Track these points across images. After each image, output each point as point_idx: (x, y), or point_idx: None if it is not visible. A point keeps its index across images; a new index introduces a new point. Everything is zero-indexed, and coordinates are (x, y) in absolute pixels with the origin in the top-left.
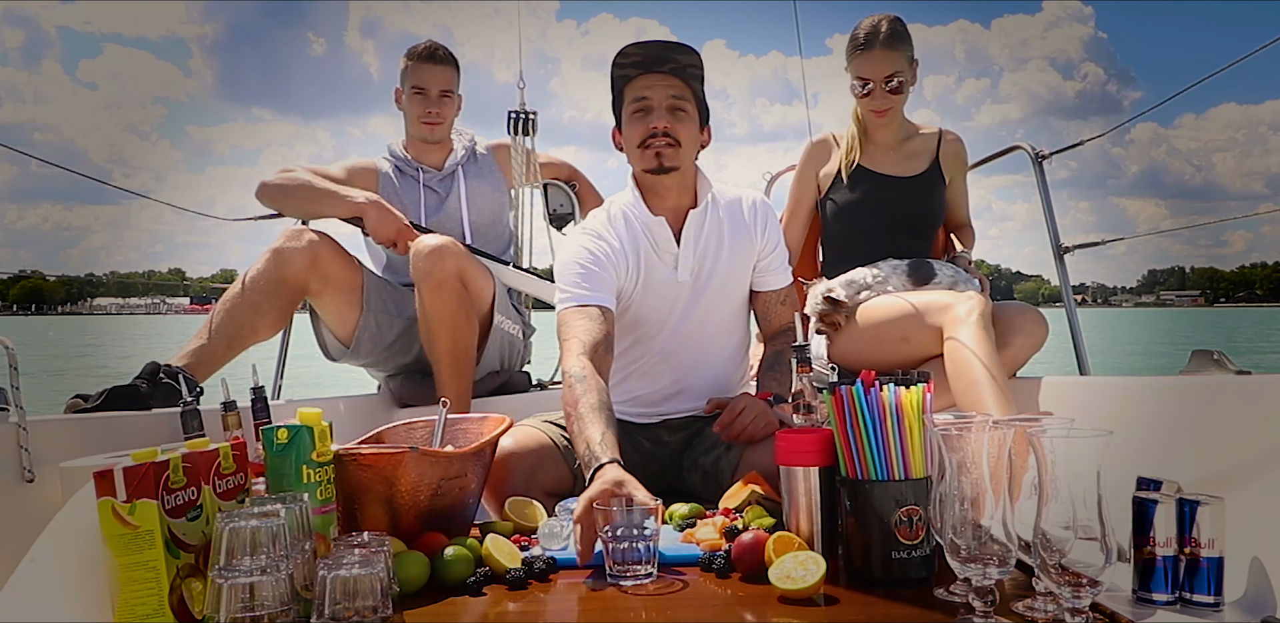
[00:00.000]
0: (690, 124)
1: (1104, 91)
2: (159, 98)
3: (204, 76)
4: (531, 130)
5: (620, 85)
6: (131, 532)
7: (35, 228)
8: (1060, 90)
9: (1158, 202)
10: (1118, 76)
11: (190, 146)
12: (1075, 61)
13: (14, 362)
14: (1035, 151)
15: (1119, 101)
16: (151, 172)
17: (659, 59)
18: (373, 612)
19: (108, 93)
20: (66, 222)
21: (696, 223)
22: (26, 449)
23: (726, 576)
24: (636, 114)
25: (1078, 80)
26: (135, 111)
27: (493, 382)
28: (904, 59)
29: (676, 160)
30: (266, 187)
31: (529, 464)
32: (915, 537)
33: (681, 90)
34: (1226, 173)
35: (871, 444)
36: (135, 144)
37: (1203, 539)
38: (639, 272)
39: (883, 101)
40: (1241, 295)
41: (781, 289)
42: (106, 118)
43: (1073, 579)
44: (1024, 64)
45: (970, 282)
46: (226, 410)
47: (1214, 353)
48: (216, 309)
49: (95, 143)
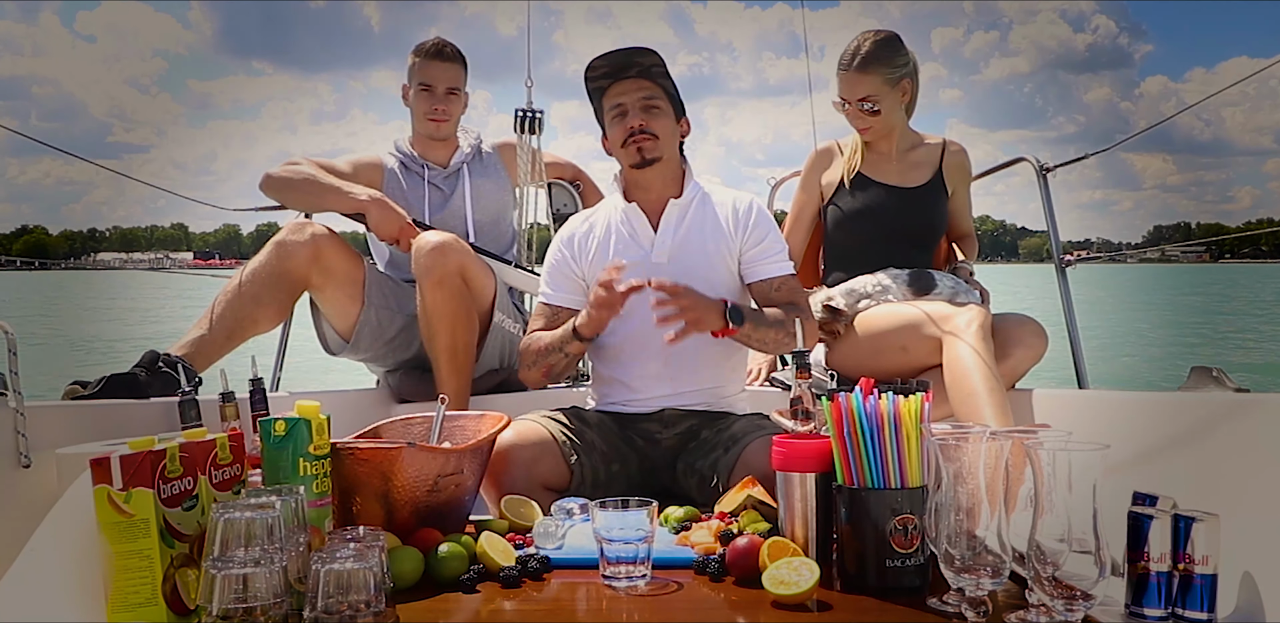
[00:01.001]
0: (665, 118)
1: (1115, 45)
2: (158, 51)
3: (203, 29)
4: (538, 129)
5: (598, 97)
6: (126, 520)
7: (37, 182)
8: (1070, 43)
9: (1165, 156)
10: (1129, 29)
11: (191, 100)
12: (1086, 14)
13: (13, 346)
14: (1040, 165)
15: (1130, 55)
16: (152, 125)
17: (624, 65)
18: (365, 606)
19: (106, 45)
20: (68, 176)
21: (679, 211)
22: (24, 435)
23: (720, 579)
24: (615, 118)
25: (1088, 33)
26: (135, 65)
27: (491, 380)
28: (880, 81)
29: (657, 151)
30: (271, 179)
31: (529, 457)
32: (910, 546)
33: (651, 90)
34: (1235, 127)
35: (868, 452)
36: (135, 98)
37: (1197, 556)
38: (608, 253)
39: (858, 121)
40: (1246, 251)
41: (775, 277)
42: (106, 71)
43: (1066, 592)
44: (1034, 16)
45: (971, 293)
46: (225, 401)
47: (1213, 370)
48: (217, 300)
49: (95, 96)
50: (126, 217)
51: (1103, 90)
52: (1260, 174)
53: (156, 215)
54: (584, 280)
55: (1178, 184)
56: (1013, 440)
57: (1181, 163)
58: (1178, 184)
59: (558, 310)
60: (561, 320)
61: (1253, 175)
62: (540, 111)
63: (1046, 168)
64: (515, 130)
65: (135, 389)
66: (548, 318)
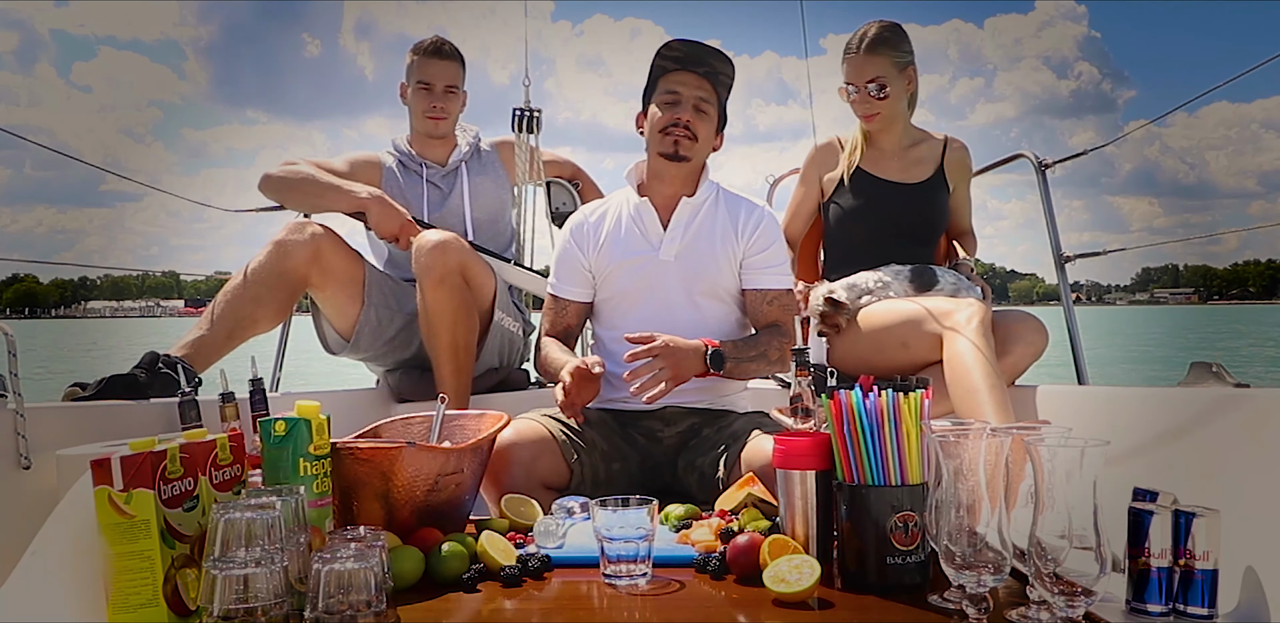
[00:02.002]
0: (709, 124)
1: (1098, 90)
2: (153, 100)
3: (198, 79)
4: (536, 128)
5: (657, 74)
6: (127, 521)
7: (30, 231)
8: (1054, 89)
9: (1151, 200)
10: (1111, 76)
11: (184, 149)
12: (1069, 60)
13: (13, 348)
14: (1039, 160)
15: (1113, 100)
16: (146, 174)
17: (697, 60)
18: (366, 606)
19: (102, 96)
20: (60, 225)
21: (690, 211)
22: (24, 436)
23: (721, 578)
24: (666, 104)
25: (1072, 79)
26: (129, 114)
27: (491, 379)
28: (889, 64)
29: (690, 152)
30: (270, 179)
31: (529, 455)
32: (910, 543)
33: (709, 93)
34: (1219, 171)
35: (869, 449)
36: (129, 147)
37: (1198, 551)
38: (616, 246)
39: (867, 106)
40: (1234, 293)
41: (770, 290)
42: (100, 121)
43: (1067, 589)
44: (1018, 63)
45: (972, 289)
46: (225, 402)
47: (1212, 365)
48: (217, 300)
49: (89, 145)
50: (118, 265)
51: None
52: (1245, 217)
53: (148, 263)
54: (590, 272)
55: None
56: (1013, 437)
57: (1167, 206)
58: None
59: (565, 304)
60: (569, 314)
61: (1238, 218)
62: (538, 110)
63: (1045, 164)
64: (513, 129)
65: (135, 390)
66: (556, 312)
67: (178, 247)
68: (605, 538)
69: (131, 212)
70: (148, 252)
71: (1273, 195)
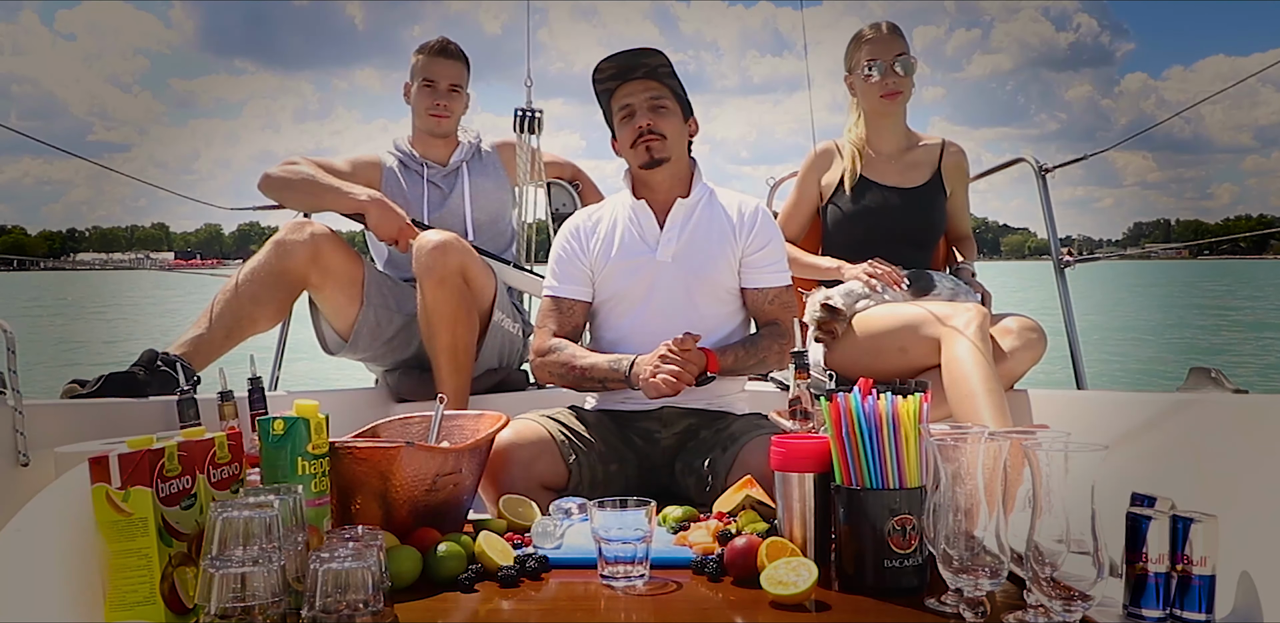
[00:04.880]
0: (673, 118)
1: (1096, 43)
2: (139, 49)
3: (185, 27)
4: (537, 129)
5: (606, 99)
6: (125, 519)
7: (16, 182)
8: (1053, 41)
9: (1145, 154)
10: (1111, 28)
11: (172, 99)
12: (1068, 12)
13: (12, 345)
14: (1039, 165)
15: (1111, 53)
16: (134, 124)
17: (630, 67)
18: (364, 605)
19: (87, 44)
20: (47, 176)
21: (685, 211)
22: (22, 433)
23: (718, 579)
24: (624, 120)
25: (1070, 31)
26: (116, 63)
27: (490, 379)
28: (906, 46)
29: (666, 151)
30: (270, 178)
31: (527, 456)
32: (908, 546)
33: (658, 90)
34: (1215, 125)
35: (867, 453)
36: (117, 96)
37: (1195, 557)
38: (613, 248)
39: (894, 82)
40: (1225, 248)
41: (770, 289)
42: (86, 70)
43: (1064, 593)
44: (1015, 14)
45: (971, 294)
46: (223, 400)
47: (1211, 371)
48: (216, 299)
49: (76, 95)
50: (106, 216)
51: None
52: (1239, 171)
53: (137, 215)
54: (591, 273)
55: (1158, 181)
56: (1011, 441)
57: (1161, 160)
58: (1158, 181)
59: (571, 304)
60: (577, 314)
61: (1231, 172)
62: (539, 111)
63: (1045, 168)
64: (515, 130)
65: (134, 388)
66: (561, 313)
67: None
68: (603, 539)
69: (120, 162)
70: (136, 203)
71: (1268, 150)
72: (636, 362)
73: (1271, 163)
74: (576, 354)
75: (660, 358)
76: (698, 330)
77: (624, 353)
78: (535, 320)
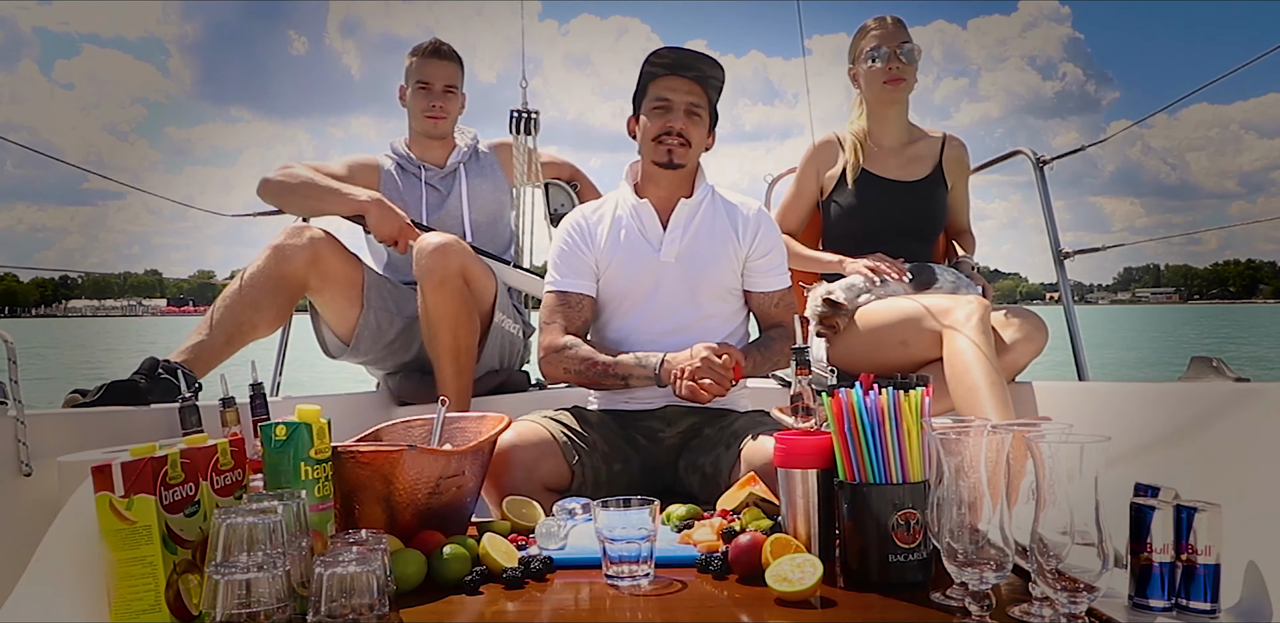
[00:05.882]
0: (701, 128)
1: (1082, 91)
2: (137, 98)
3: (182, 77)
4: (533, 129)
5: (646, 81)
6: (129, 527)
7: (10, 229)
8: (1039, 90)
9: (1133, 200)
10: (1095, 77)
11: (168, 147)
12: (1054, 61)
13: (13, 355)
14: (1037, 157)
15: (1097, 101)
16: (129, 172)
17: (686, 65)
18: (369, 610)
19: (85, 93)
20: (41, 223)
21: (688, 211)
22: (24, 443)
23: (723, 577)
24: (656, 111)
25: (1056, 80)
26: (113, 112)
27: (491, 381)
28: (910, 38)
29: (685, 158)
30: (268, 183)
31: (530, 457)
32: (912, 541)
33: (700, 97)
34: (1200, 171)
35: (869, 448)
36: (113, 144)
37: (1200, 546)
38: (617, 246)
39: (898, 68)
40: (1215, 293)
41: (775, 292)
42: (84, 118)
43: (1069, 585)
44: (1002, 63)
45: (972, 287)
46: (225, 407)
47: (1213, 360)
48: (216, 305)
49: (72, 143)
50: (100, 263)
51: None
52: (1225, 217)
53: (130, 262)
54: (596, 267)
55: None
56: (1014, 434)
57: (1149, 206)
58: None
59: (579, 298)
60: (584, 309)
61: (1219, 218)
62: (535, 112)
63: (1043, 160)
64: (511, 131)
65: (135, 396)
66: (569, 307)
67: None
68: (607, 539)
69: (114, 210)
70: (130, 250)
71: (1253, 196)
72: (667, 359)
73: (1256, 208)
74: (595, 350)
75: (698, 368)
76: (701, 330)
77: (625, 351)
78: (540, 318)
